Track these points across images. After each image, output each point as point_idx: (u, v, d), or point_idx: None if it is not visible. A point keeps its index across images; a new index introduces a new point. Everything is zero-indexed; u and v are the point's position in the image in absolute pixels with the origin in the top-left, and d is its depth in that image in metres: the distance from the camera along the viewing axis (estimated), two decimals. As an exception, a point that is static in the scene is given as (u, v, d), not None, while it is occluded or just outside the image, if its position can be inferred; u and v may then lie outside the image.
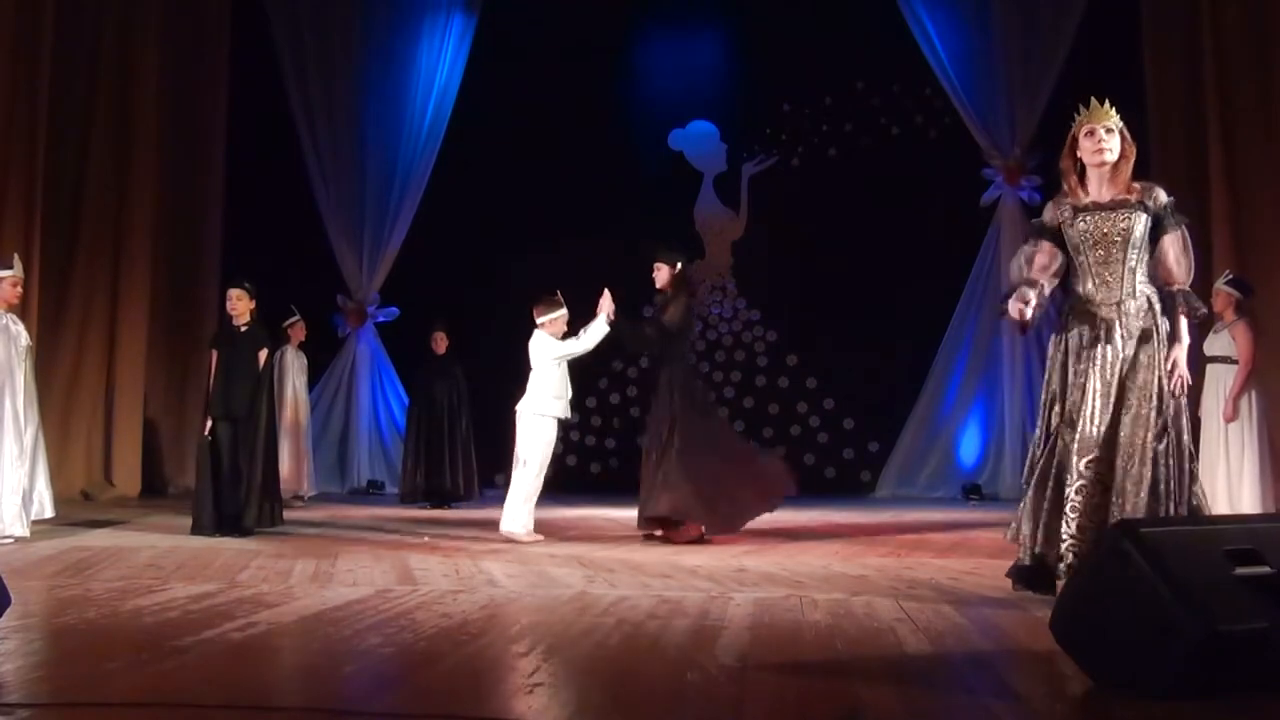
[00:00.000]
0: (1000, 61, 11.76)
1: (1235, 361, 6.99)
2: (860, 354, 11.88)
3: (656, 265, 7.22)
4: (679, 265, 7.25)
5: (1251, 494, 6.90)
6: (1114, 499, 4.02)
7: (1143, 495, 4.00)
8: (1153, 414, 4.07)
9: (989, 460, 11.67)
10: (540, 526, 7.64)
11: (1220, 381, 7.03)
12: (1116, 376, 4.12)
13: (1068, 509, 4.06)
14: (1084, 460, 4.07)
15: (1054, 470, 4.18)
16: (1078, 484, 4.07)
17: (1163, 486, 4.04)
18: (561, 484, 12.02)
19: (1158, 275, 4.27)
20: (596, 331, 7.09)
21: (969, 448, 11.84)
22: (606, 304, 7.13)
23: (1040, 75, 11.50)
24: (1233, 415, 6.95)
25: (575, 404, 7.61)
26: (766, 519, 8.58)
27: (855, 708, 2.66)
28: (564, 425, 7.62)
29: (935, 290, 11.77)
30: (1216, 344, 7.12)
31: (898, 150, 12.36)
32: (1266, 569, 2.79)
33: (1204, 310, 4.35)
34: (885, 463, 12.00)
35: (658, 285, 7.29)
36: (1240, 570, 2.78)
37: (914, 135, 12.46)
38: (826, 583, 4.85)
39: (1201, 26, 9.77)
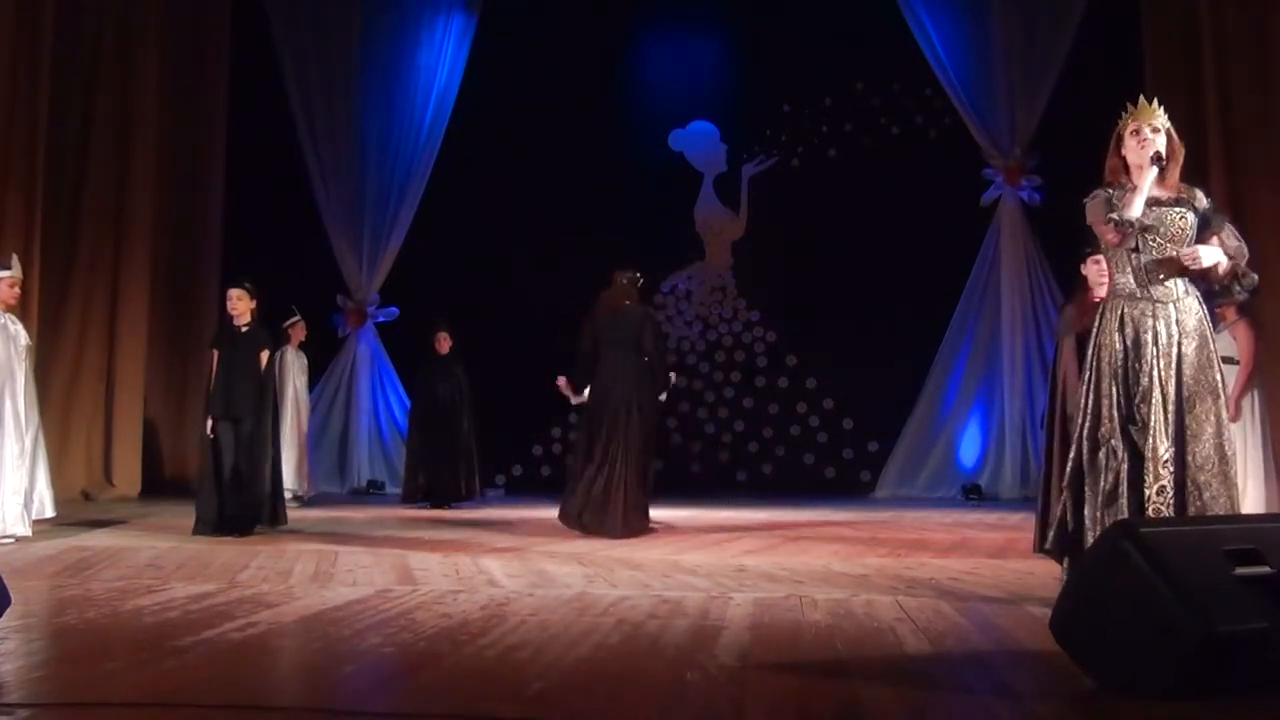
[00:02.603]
0: (1000, 61, 11.76)
1: (1238, 362, 6.99)
2: (860, 354, 11.87)
3: None
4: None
5: (1255, 494, 6.89)
6: (1190, 496, 3.98)
7: (1225, 492, 3.97)
8: (1221, 411, 4.07)
9: (989, 460, 11.66)
10: (539, 526, 7.75)
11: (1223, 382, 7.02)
12: (1176, 373, 4.09)
13: (1150, 511, 3.99)
14: (1160, 462, 4.00)
15: (1123, 472, 4.06)
16: (1157, 486, 4.01)
17: (1230, 483, 4.03)
18: (562, 484, 12.07)
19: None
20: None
21: (969, 448, 11.84)
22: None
23: (1040, 75, 11.50)
24: (1235, 415, 6.93)
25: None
26: (766, 518, 8.62)
27: (855, 709, 2.66)
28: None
29: (935, 290, 11.78)
30: (1218, 344, 7.11)
31: (898, 150, 12.36)
32: (1266, 569, 2.79)
33: (1251, 284, 4.28)
34: (885, 463, 11.99)
35: None
36: (1240, 570, 2.78)
37: (914, 135, 12.46)
38: (826, 583, 4.85)
39: (1201, 26, 9.77)
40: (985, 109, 11.82)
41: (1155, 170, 4.18)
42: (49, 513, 6.80)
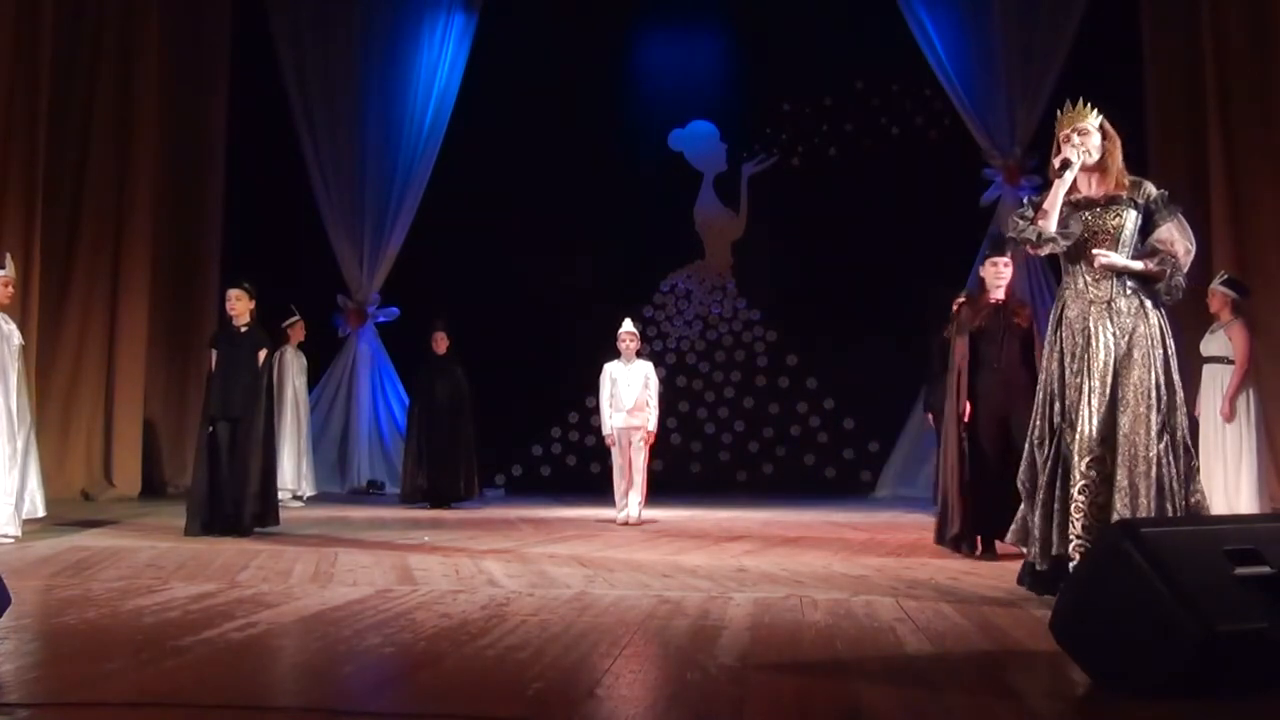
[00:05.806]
0: (1000, 61, 11.75)
1: (1232, 362, 7.00)
2: (860, 354, 11.86)
3: None
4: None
5: (1250, 494, 6.90)
6: (1117, 498, 4.02)
7: (1149, 494, 4.00)
8: (1152, 413, 4.07)
9: (989, 460, 11.64)
10: (541, 527, 7.80)
11: (1218, 382, 7.04)
12: (1111, 375, 4.12)
13: (1073, 509, 4.06)
14: (1085, 460, 4.07)
15: (1059, 470, 4.17)
16: (1080, 484, 4.08)
17: (1166, 485, 4.04)
18: (562, 484, 12.08)
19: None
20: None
21: (969, 448, 11.81)
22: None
23: (1040, 75, 11.49)
24: (1230, 415, 6.95)
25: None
26: (766, 518, 8.63)
27: (855, 709, 2.66)
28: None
29: (935, 290, 11.75)
30: (1213, 344, 7.13)
31: (898, 150, 12.37)
32: (1266, 569, 2.79)
33: (1178, 289, 4.26)
34: (885, 463, 11.98)
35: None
36: (1240, 570, 2.77)
37: (914, 135, 12.46)
38: (826, 583, 4.85)
39: (1201, 26, 9.77)
40: (985, 109, 11.82)
41: (1068, 178, 4.19)
42: (40, 512, 6.78)
